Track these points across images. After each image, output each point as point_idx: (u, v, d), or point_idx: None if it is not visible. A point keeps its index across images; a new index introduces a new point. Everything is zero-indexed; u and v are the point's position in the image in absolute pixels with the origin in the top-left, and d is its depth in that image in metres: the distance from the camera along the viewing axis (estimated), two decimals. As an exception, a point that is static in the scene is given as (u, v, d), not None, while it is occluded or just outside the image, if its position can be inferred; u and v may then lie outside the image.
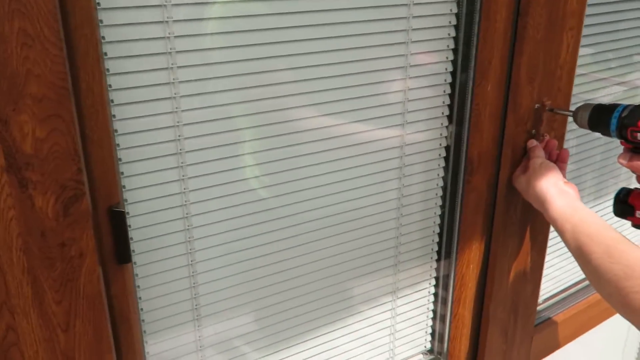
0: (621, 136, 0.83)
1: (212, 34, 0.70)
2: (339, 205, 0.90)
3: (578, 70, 1.08)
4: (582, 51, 1.08)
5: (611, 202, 0.92)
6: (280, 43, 0.75)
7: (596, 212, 1.25)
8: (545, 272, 1.22)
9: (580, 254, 0.78)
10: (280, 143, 0.81)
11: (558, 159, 0.94)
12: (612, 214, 0.92)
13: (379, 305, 1.01)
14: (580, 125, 0.88)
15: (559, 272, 1.28)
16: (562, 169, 0.94)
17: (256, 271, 0.86)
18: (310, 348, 0.96)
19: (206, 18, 0.69)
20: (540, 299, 1.25)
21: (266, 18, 0.73)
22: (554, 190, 0.85)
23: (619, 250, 0.74)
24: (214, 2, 0.69)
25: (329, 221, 0.90)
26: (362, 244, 0.95)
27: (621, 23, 1.14)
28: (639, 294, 0.69)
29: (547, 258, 1.17)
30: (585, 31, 1.04)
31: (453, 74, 0.91)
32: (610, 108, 0.84)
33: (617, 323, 1.30)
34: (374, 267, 0.97)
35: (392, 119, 0.89)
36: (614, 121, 0.82)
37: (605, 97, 1.20)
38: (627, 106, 0.82)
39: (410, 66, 0.87)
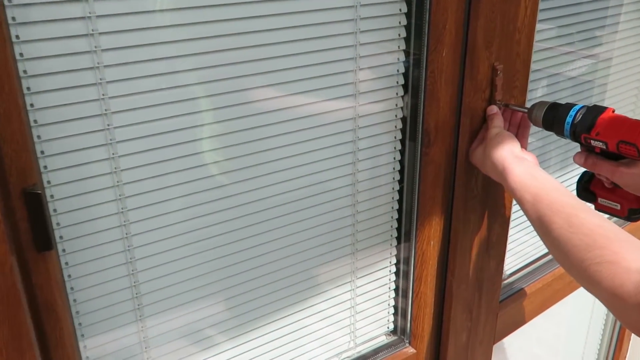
0: (575, 140, 0.81)
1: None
2: (291, 182, 0.84)
3: (542, 44, 1.04)
4: (545, 25, 1.05)
5: (576, 171, 0.89)
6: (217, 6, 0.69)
7: (562, 181, 1.23)
8: (509, 246, 1.19)
9: (541, 225, 0.75)
10: (226, 116, 0.75)
11: (520, 124, 0.90)
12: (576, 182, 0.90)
13: (340, 285, 0.97)
14: (535, 124, 0.86)
15: (522, 246, 1.25)
16: (524, 136, 0.90)
17: (204, 254, 0.80)
18: (272, 332, 0.92)
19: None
20: (504, 274, 1.22)
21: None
22: (511, 157, 0.82)
23: (580, 219, 0.71)
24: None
25: (282, 199, 0.84)
26: (319, 222, 0.90)
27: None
28: (600, 266, 0.65)
29: (510, 232, 1.13)
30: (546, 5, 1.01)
31: (407, 39, 0.86)
32: (564, 110, 0.81)
33: (583, 295, 1.28)
34: (332, 246, 0.93)
35: (343, 89, 0.84)
36: (567, 127, 0.80)
37: (569, 71, 1.17)
38: (580, 108, 0.80)
39: (361, 32, 0.81)
